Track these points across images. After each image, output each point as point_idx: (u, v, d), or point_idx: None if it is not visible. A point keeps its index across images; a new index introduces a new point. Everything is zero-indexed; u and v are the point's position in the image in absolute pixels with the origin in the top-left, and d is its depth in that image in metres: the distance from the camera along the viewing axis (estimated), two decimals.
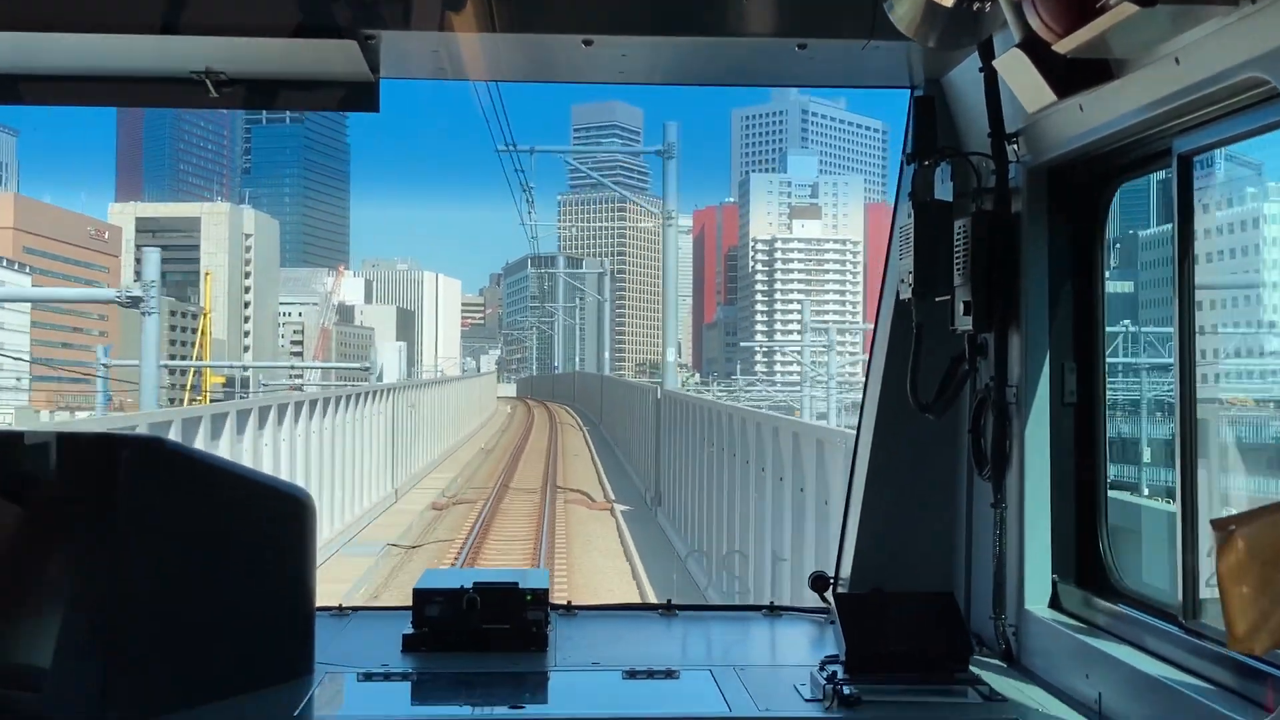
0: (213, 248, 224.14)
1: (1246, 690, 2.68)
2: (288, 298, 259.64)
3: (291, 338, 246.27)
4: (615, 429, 50.42)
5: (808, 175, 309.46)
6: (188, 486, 3.19)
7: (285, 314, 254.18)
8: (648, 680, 3.44)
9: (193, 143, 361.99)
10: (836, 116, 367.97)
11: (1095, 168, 3.47)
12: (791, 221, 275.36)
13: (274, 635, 3.32)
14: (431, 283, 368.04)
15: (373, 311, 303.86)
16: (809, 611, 4.32)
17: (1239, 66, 2.55)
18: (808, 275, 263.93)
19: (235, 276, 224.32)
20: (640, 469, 36.23)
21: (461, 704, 3.47)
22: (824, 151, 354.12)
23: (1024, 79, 3.15)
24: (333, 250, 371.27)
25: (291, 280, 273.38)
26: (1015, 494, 3.63)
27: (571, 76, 4.05)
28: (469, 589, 3.72)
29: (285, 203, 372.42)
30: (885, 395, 4.16)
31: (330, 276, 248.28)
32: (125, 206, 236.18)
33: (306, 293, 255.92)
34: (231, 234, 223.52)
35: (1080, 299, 3.62)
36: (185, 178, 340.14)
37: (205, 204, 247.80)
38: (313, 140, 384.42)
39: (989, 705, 3.20)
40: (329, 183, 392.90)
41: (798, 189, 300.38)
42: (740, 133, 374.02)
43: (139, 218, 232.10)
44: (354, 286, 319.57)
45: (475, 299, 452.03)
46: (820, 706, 3.21)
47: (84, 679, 2.93)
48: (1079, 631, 3.36)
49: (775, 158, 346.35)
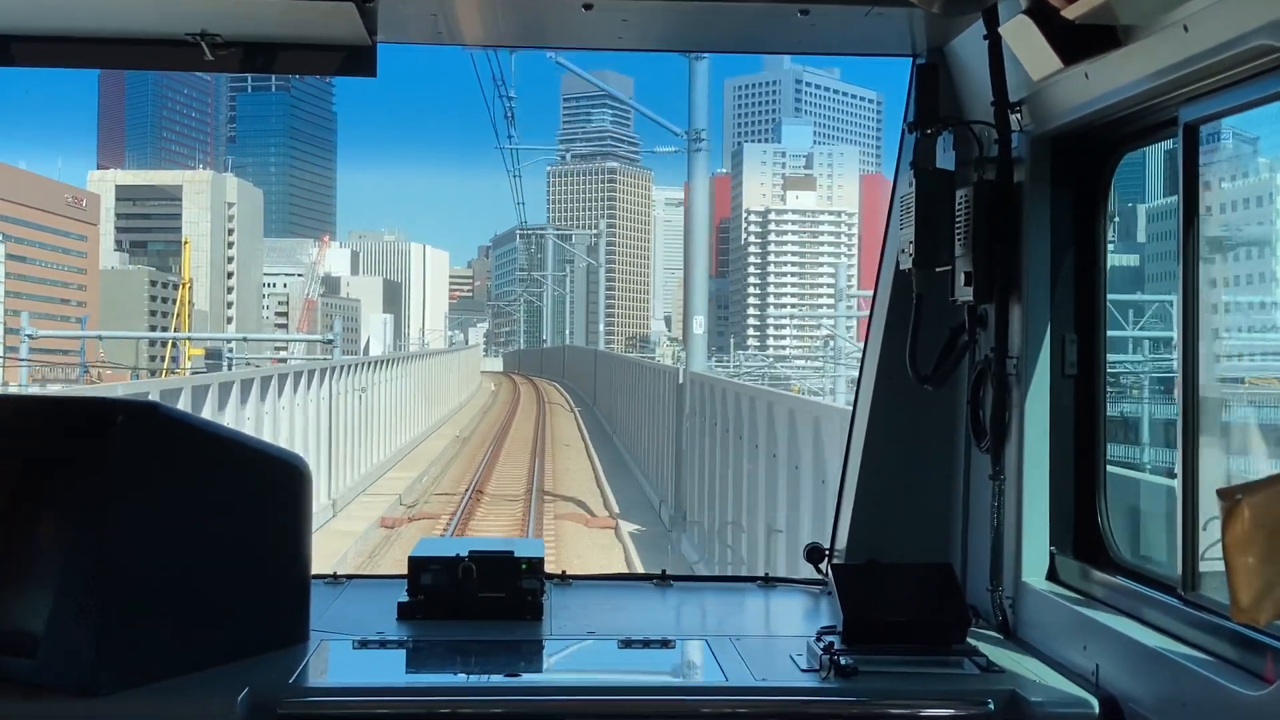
0: (195, 216, 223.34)
1: (1245, 661, 2.70)
2: (273, 268, 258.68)
3: (276, 309, 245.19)
4: (614, 415, 45.32)
5: (802, 145, 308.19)
6: (182, 452, 3.21)
7: (270, 284, 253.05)
8: (643, 649, 3.47)
9: (176, 109, 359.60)
10: (830, 86, 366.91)
11: (1100, 137, 3.48)
12: (785, 193, 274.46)
13: (269, 601, 3.36)
14: (419, 254, 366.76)
15: (359, 283, 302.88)
16: (804, 583, 4.35)
17: (1249, 34, 2.55)
18: (801, 248, 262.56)
19: (218, 246, 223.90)
20: (652, 472, 30.60)
21: (456, 671, 3.52)
22: (818, 122, 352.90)
23: (1030, 46, 3.16)
24: (319, 221, 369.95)
25: (276, 250, 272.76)
26: (1014, 466, 3.65)
27: (570, 41, 4.05)
28: (464, 557, 3.75)
29: (271, 172, 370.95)
30: (884, 366, 4.18)
31: (315, 247, 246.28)
32: (106, 174, 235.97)
33: (292, 263, 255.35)
34: (214, 203, 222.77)
35: (1082, 270, 3.63)
36: (168, 145, 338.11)
37: (187, 172, 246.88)
38: (299, 108, 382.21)
39: (985, 676, 3.24)
40: (315, 152, 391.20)
41: (792, 159, 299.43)
42: (732, 103, 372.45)
43: (119, 185, 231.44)
44: (340, 257, 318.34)
45: (464, 271, 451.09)
46: (817, 676, 3.24)
47: (78, 644, 2.97)
48: (1076, 603, 3.39)
49: (769, 128, 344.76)
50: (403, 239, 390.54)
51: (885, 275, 4.24)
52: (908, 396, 4.05)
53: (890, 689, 3.16)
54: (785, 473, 14.38)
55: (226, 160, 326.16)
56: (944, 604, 3.50)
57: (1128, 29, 2.98)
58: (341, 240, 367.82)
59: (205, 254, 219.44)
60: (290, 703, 3.02)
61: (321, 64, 3.85)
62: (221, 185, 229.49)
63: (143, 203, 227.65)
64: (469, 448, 43.85)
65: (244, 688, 3.00)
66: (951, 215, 3.75)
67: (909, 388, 3.96)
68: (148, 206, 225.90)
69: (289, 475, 3.43)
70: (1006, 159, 3.65)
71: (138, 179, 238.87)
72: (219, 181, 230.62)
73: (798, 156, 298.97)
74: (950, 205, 3.76)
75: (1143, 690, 2.96)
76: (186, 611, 3.16)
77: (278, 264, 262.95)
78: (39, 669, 2.98)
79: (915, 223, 3.80)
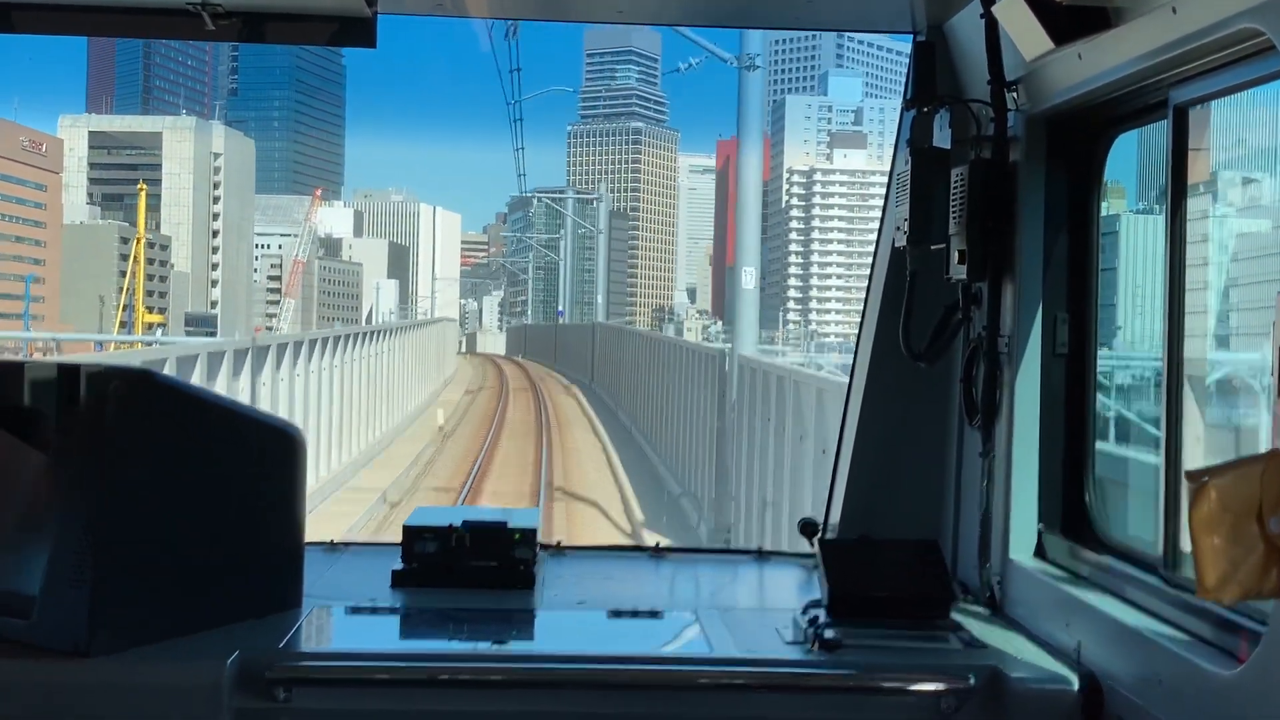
0: (175, 167, 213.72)
1: (1220, 641, 2.88)
2: (268, 228, 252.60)
3: (269, 272, 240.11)
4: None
5: (851, 99, 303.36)
6: (177, 419, 3.50)
7: (265, 245, 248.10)
8: (632, 619, 3.76)
9: (170, 56, 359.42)
10: (874, 41, 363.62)
11: (1093, 117, 3.72)
12: (832, 151, 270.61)
13: (263, 567, 3.64)
14: (429, 216, 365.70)
15: (362, 245, 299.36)
16: (797, 557, 4.61)
17: (1235, 17, 2.72)
18: (850, 212, 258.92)
19: (202, 200, 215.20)
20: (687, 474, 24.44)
21: (448, 639, 3.84)
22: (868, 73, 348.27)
23: (1022, 25, 3.39)
24: (324, 179, 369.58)
25: (273, 208, 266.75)
26: (1004, 444, 3.90)
27: (571, 14, 4.26)
28: (458, 526, 4.05)
29: (274, 126, 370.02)
30: (879, 343, 4.44)
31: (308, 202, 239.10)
32: (78, 119, 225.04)
33: (290, 223, 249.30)
34: (197, 152, 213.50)
35: (1075, 250, 3.87)
36: (161, 96, 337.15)
37: (168, 118, 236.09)
38: (306, 61, 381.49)
39: (969, 651, 3.49)
40: (323, 107, 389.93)
41: (840, 115, 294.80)
42: (769, 58, 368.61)
43: (93, 132, 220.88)
44: (343, 217, 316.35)
45: (478, 236, 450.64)
46: (801, 649, 3.49)
47: (71, 606, 3.24)
48: (1062, 581, 3.64)
49: (811, 81, 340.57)
50: (412, 198, 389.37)
51: (881, 252, 4.51)
52: (902, 373, 4.29)
53: (872, 662, 3.40)
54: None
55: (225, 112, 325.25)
56: (929, 580, 3.75)
57: (1118, 10, 3.19)
58: (346, 200, 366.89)
59: (187, 209, 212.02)
60: (280, 666, 3.25)
61: (321, 34, 4.08)
62: (207, 134, 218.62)
63: (117, 152, 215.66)
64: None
65: (234, 651, 3.24)
66: (946, 193, 4.00)
67: (903, 365, 4.21)
68: (123, 156, 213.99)
69: (283, 442, 3.73)
70: (1002, 138, 3.89)
71: (113, 125, 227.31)
72: (204, 129, 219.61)
73: (846, 111, 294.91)
74: (945, 183, 4.00)
75: (1122, 668, 3.16)
76: (179, 576, 3.44)
77: (275, 223, 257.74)
78: (33, 629, 3.26)
79: (910, 200, 4.05)
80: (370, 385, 37.30)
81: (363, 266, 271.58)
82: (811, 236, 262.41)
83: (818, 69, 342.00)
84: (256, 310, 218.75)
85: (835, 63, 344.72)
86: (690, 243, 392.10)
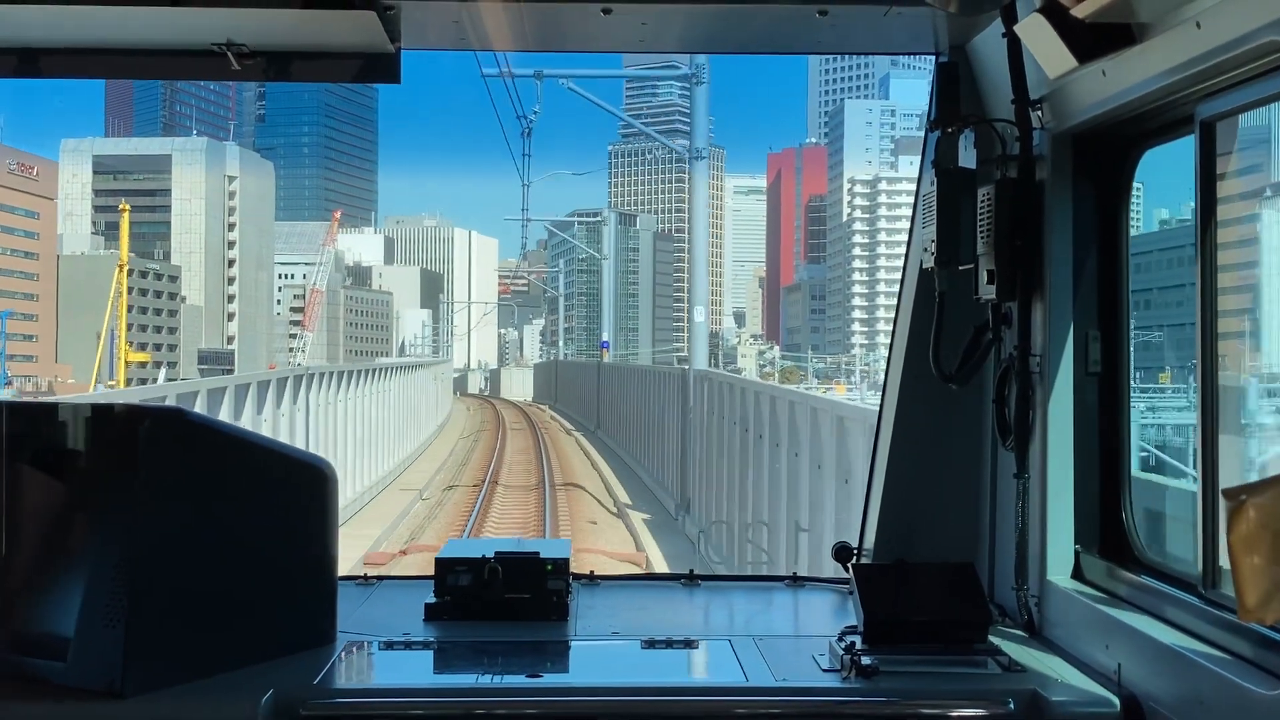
0: (186, 192, 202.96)
1: (1262, 660, 2.95)
2: (291, 256, 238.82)
3: (292, 303, 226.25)
4: None
5: (916, 102, 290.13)
6: (208, 456, 3.65)
7: (288, 275, 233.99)
8: (666, 650, 3.86)
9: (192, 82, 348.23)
10: None
11: (1119, 134, 3.85)
12: (898, 158, 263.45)
13: (296, 604, 3.79)
14: (464, 240, 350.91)
15: (393, 273, 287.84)
16: (832, 582, 4.69)
17: (1258, 30, 2.82)
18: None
19: (215, 227, 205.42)
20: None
21: (482, 672, 3.91)
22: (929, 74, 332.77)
23: (1045, 44, 3.46)
24: (357, 207, 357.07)
25: (297, 235, 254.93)
26: (1038, 464, 4.02)
27: (591, 45, 4.44)
28: (491, 558, 4.19)
29: (304, 153, 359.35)
30: (909, 365, 4.56)
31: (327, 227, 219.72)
32: (81, 143, 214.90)
33: (314, 250, 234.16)
34: (209, 176, 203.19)
35: (1105, 268, 3.98)
36: (183, 121, 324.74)
37: (177, 139, 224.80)
38: (335, 88, 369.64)
39: (1008, 675, 3.57)
40: (355, 133, 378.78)
41: (904, 119, 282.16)
42: (818, 67, 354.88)
43: (96, 156, 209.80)
44: (372, 244, 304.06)
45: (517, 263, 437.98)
46: (838, 677, 3.58)
47: (106, 647, 3.34)
48: (1100, 602, 3.72)
49: (869, 85, 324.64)
50: (446, 223, 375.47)
51: (910, 274, 4.63)
52: (933, 395, 4.42)
53: (910, 689, 3.49)
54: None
55: (252, 139, 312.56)
56: (965, 603, 3.85)
57: (1141, 26, 3.29)
58: (377, 226, 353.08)
59: (199, 236, 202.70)
60: (314, 704, 3.35)
61: (346, 72, 4.29)
62: (220, 156, 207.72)
63: (123, 177, 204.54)
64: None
65: (268, 689, 3.34)
66: (973, 214, 4.14)
67: (935, 387, 4.33)
68: (129, 181, 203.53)
69: (314, 478, 3.86)
70: (1028, 157, 4.03)
71: (118, 148, 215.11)
72: (216, 151, 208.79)
73: (910, 115, 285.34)
74: (972, 203, 4.15)
75: (1163, 689, 3.23)
76: (213, 614, 3.58)
77: (299, 251, 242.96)
78: (68, 671, 3.37)
79: (937, 221, 4.19)
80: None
81: (393, 296, 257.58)
82: (878, 251, 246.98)
83: (875, 72, 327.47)
84: (279, 345, 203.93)
85: (891, 63, 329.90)
86: (736, 266, 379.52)
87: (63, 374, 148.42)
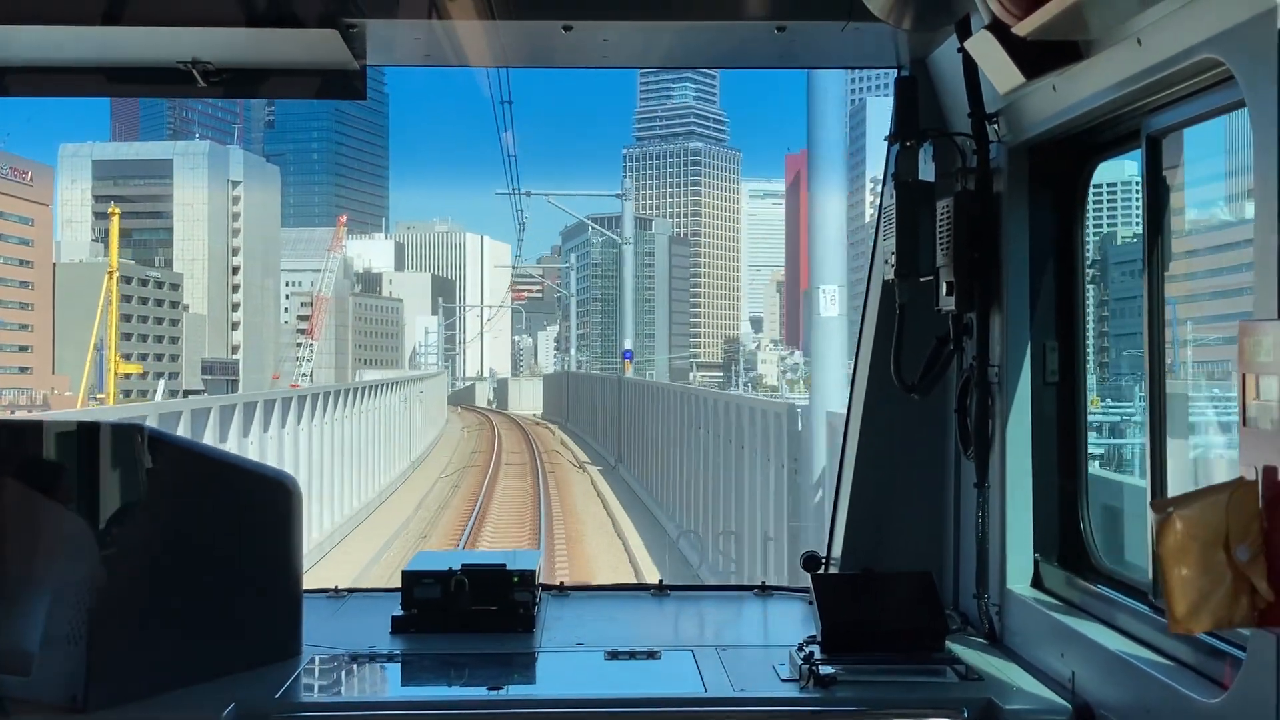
0: (188, 198, 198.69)
1: (1205, 667, 3.01)
2: (299, 263, 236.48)
3: (299, 311, 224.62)
4: None
5: None
6: (170, 471, 3.68)
7: (296, 283, 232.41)
8: (629, 661, 3.91)
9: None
10: None
11: (1071, 148, 3.93)
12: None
13: (260, 618, 3.84)
14: (475, 246, 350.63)
15: (403, 280, 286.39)
16: (801, 592, 4.71)
17: (1196, 47, 2.87)
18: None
19: (218, 234, 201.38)
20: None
21: (446, 685, 3.98)
22: None
23: (994, 60, 3.52)
24: (367, 213, 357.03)
25: (305, 241, 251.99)
26: (998, 474, 4.08)
27: (555, 61, 4.50)
28: (457, 571, 4.24)
29: (314, 159, 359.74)
30: (873, 376, 4.60)
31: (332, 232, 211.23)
32: (80, 147, 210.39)
33: (322, 257, 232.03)
34: (212, 180, 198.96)
35: (1062, 279, 4.05)
36: (188, 128, 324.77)
37: (179, 143, 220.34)
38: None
39: (964, 684, 3.63)
40: (365, 139, 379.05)
41: None
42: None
43: (96, 161, 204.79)
44: (382, 250, 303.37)
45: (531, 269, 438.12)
46: (796, 686, 3.64)
47: (69, 661, 3.38)
48: (1058, 611, 3.78)
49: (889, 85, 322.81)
50: (457, 229, 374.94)
51: (873, 286, 4.68)
52: (898, 406, 4.47)
53: (866, 698, 3.55)
54: None
55: (261, 145, 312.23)
56: (923, 612, 3.90)
57: (1088, 43, 3.36)
58: (388, 232, 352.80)
59: (202, 243, 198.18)
60: (277, 717, 3.40)
61: (310, 88, 4.35)
62: (223, 160, 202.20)
63: (124, 182, 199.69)
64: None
65: (230, 703, 3.38)
66: (933, 226, 4.21)
67: (899, 397, 4.40)
68: (129, 186, 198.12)
69: (278, 492, 3.91)
70: (985, 170, 4.11)
71: (118, 153, 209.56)
72: (218, 155, 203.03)
73: None
74: (931, 216, 4.22)
75: (1113, 697, 3.29)
76: (177, 628, 3.63)
77: (308, 258, 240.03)
78: (31, 686, 3.41)
79: (897, 233, 4.25)
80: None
81: (403, 303, 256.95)
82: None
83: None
84: (286, 354, 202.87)
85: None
86: (752, 271, 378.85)
87: (59, 386, 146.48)
